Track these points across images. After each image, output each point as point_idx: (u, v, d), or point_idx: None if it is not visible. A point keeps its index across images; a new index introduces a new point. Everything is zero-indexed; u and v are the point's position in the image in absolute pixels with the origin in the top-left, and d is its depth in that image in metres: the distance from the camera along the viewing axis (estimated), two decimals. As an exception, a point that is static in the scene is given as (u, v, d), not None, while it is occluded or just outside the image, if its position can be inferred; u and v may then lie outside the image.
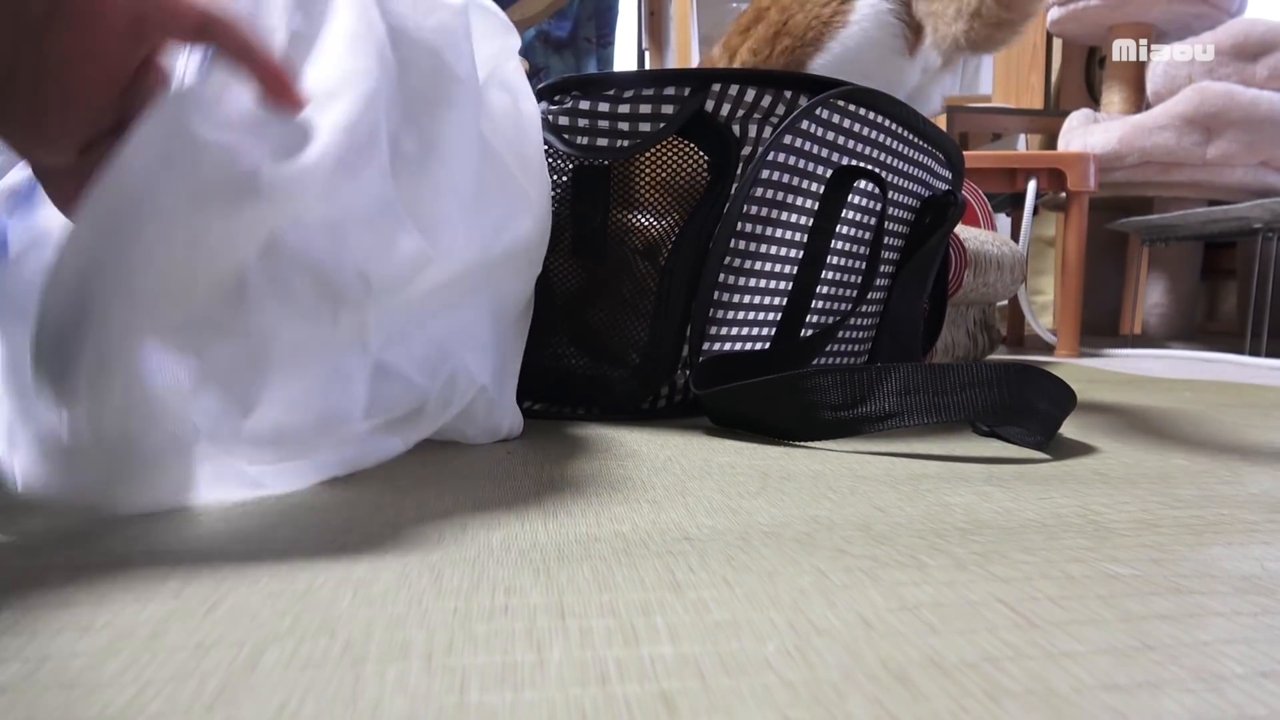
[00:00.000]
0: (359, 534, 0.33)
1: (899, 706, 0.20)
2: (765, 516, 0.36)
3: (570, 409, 0.66)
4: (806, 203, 0.64)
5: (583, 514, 0.36)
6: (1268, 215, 1.40)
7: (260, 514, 0.36)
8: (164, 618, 0.25)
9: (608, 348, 0.66)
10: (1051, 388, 0.53)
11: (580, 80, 0.63)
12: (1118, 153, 1.76)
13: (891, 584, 0.28)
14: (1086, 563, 0.31)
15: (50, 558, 0.30)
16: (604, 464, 0.47)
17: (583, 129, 0.62)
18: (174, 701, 0.20)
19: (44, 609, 0.25)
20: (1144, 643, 0.24)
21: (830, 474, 0.45)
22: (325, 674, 0.21)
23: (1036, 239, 2.32)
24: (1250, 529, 0.36)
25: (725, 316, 0.63)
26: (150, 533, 0.33)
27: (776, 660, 0.22)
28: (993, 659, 0.23)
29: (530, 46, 3.02)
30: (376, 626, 0.24)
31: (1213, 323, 2.22)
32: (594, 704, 0.20)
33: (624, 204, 0.65)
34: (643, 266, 0.65)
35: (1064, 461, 0.49)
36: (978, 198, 1.45)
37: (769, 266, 0.64)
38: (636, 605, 0.26)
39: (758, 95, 0.62)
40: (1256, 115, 1.67)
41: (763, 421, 0.57)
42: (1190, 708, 0.20)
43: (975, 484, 0.43)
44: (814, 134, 0.62)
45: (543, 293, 0.67)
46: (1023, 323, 1.76)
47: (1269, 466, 0.49)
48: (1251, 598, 0.28)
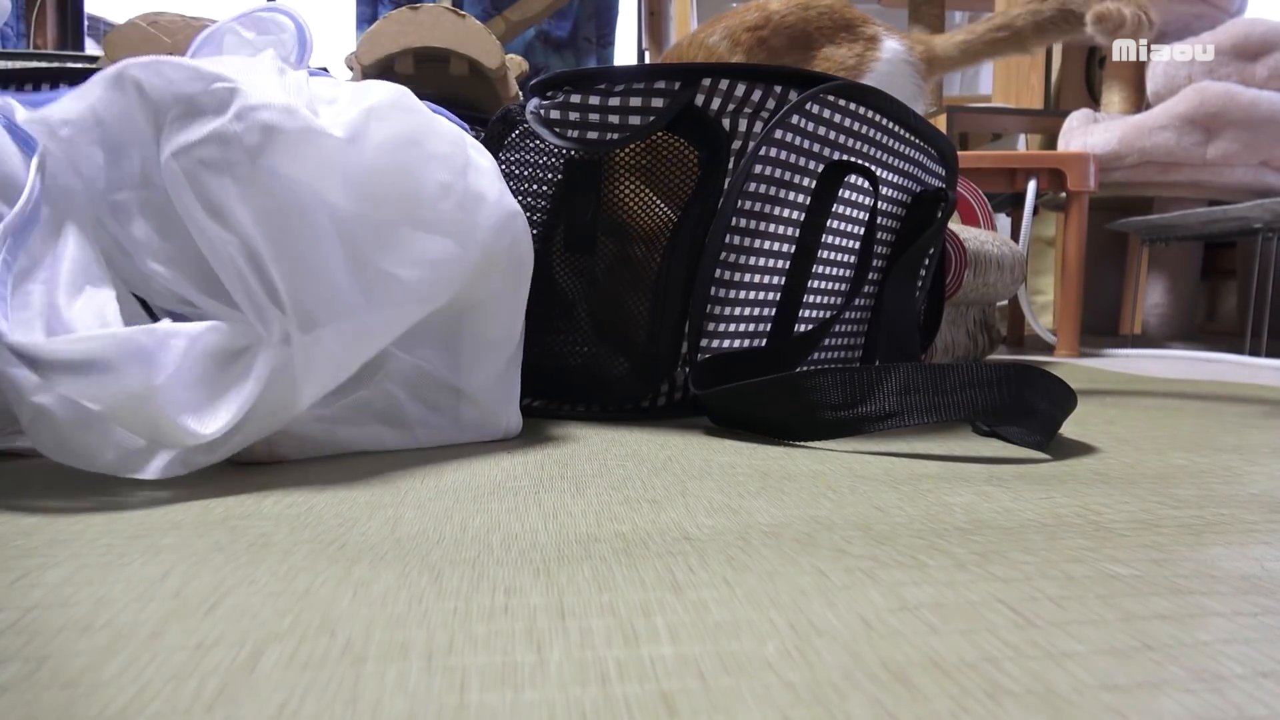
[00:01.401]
0: (359, 534, 0.33)
1: (899, 706, 0.20)
2: (765, 516, 0.36)
3: (569, 407, 0.66)
4: (799, 198, 0.64)
5: (583, 514, 0.36)
6: (1268, 215, 1.40)
7: (260, 514, 0.36)
8: (164, 618, 0.25)
9: (606, 345, 0.66)
10: (1051, 388, 0.53)
11: (573, 75, 0.63)
12: (1118, 153, 1.76)
13: (891, 584, 0.28)
14: (1086, 563, 0.31)
15: (50, 556, 0.30)
16: (604, 464, 0.47)
17: (574, 122, 0.63)
18: (174, 701, 0.20)
19: (44, 609, 0.25)
20: (1144, 643, 0.24)
21: (830, 474, 0.45)
22: (325, 674, 0.21)
23: (1036, 239, 2.32)
24: (1250, 529, 0.36)
25: (722, 313, 0.63)
26: (150, 533, 0.33)
27: (776, 660, 0.22)
28: (993, 659, 0.23)
29: (530, 46, 3.02)
30: (376, 626, 0.24)
31: (1213, 323, 2.22)
32: (594, 704, 0.20)
33: (616, 200, 0.65)
34: (638, 263, 0.65)
35: (1064, 461, 0.49)
36: (978, 198, 1.45)
37: (763, 262, 0.64)
38: (636, 605, 0.26)
39: (748, 90, 0.62)
40: (1256, 115, 1.67)
41: (763, 421, 0.57)
42: (1190, 708, 0.20)
43: (975, 484, 0.43)
44: (805, 129, 0.62)
45: (540, 290, 0.67)
46: (1023, 323, 1.76)
47: (1269, 466, 0.49)
48: (1251, 598, 0.28)
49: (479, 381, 0.53)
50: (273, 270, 0.41)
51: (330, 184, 0.43)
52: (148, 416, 0.37)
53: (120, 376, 0.36)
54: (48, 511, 0.36)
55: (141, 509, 0.36)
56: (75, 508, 0.36)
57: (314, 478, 0.43)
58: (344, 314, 0.43)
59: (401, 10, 1.30)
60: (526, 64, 1.51)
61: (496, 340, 0.54)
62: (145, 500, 0.38)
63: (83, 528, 0.33)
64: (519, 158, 0.68)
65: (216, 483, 0.41)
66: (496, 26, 2.35)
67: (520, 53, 2.56)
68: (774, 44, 0.99)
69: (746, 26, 0.98)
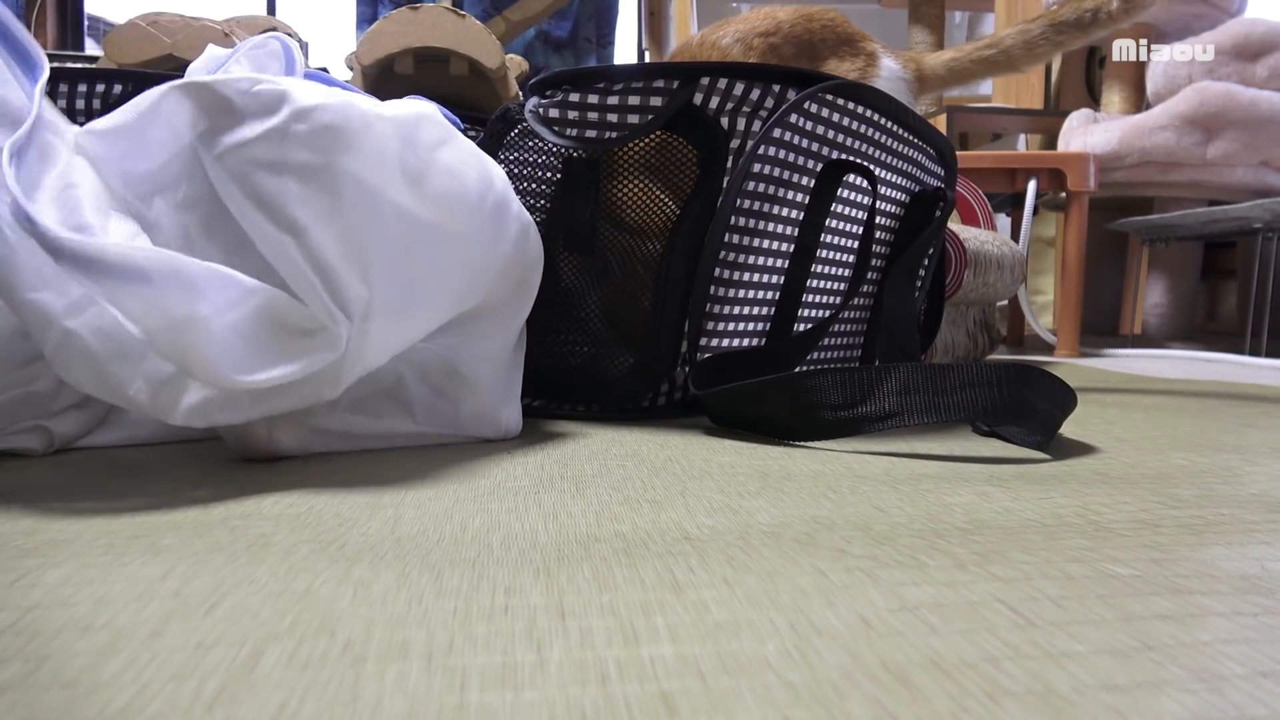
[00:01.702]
0: (359, 534, 0.33)
1: (899, 706, 0.20)
2: (765, 516, 0.36)
3: (569, 407, 0.66)
4: (798, 196, 0.64)
5: (583, 514, 0.36)
6: (1268, 215, 1.40)
7: (260, 514, 0.36)
8: (164, 618, 0.25)
9: (606, 345, 0.66)
10: (1051, 388, 0.53)
11: (572, 74, 0.63)
12: (1118, 153, 1.76)
13: (891, 584, 0.28)
14: (1086, 563, 0.31)
15: (50, 556, 0.30)
16: (604, 464, 0.47)
17: (572, 121, 0.63)
18: (174, 701, 0.20)
19: (44, 609, 0.25)
20: (1144, 643, 0.24)
21: (830, 474, 0.45)
22: (325, 674, 0.21)
23: (1036, 239, 2.32)
24: (1250, 529, 0.36)
25: (721, 311, 0.63)
26: (150, 533, 0.33)
27: (776, 660, 0.22)
28: (993, 659, 0.23)
29: (530, 46, 3.03)
30: (376, 626, 0.24)
31: (1213, 323, 2.22)
32: (594, 704, 0.20)
33: (615, 199, 0.65)
34: (637, 263, 0.65)
35: (1064, 461, 0.49)
36: (978, 198, 1.45)
37: (763, 261, 0.64)
38: (636, 605, 0.26)
39: (746, 89, 0.62)
40: (1256, 115, 1.67)
41: (763, 421, 0.57)
42: (1190, 708, 0.20)
43: (975, 484, 0.43)
44: (804, 128, 0.62)
45: (540, 290, 0.67)
46: (1023, 323, 1.76)
47: (1269, 466, 0.49)
48: (1251, 598, 0.28)
49: (482, 373, 0.53)
50: (338, 268, 0.41)
51: (392, 181, 0.44)
52: (187, 346, 0.37)
53: (161, 295, 0.36)
54: (48, 511, 0.36)
55: (141, 509, 0.36)
56: (75, 508, 0.36)
57: (314, 478, 0.43)
58: (394, 310, 0.44)
59: (401, 10, 1.30)
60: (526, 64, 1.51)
61: (500, 337, 0.54)
62: (145, 500, 0.38)
63: (82, 528, 0.33)
64: (518, 157, 0.68)
65: (216, 483, 0.41)
66: (496, 26, 2.35)
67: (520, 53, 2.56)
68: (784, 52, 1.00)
69: (759, 32, 0.99)
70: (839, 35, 1.02)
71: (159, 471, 0.44)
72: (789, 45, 1.00)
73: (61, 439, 0.47)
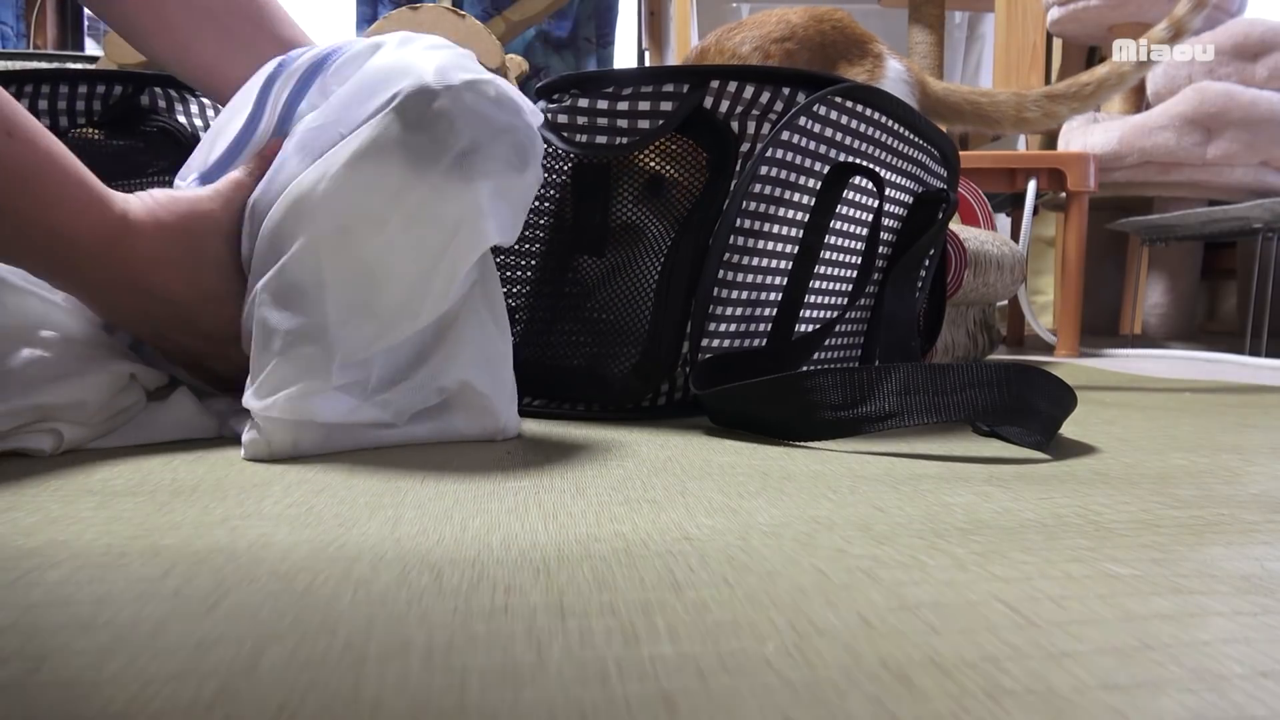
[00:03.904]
0: (359, 534, 0.33)
1: (899, 706, 0.20)
2: (765, 516, 0.36)
3: (570, 406, 0.66)
4: (804, 199, 0.64)
5: (583, 514, 0.36)
6: (1268, 215, 1.40)
7: (260, 514, 0.36)
8: (164, 617, 0.25)
9: (607, 345, 0.66)
10: (1051, 388, 0.53)
11: (579, 78, 0.63)
12: (1118, 153, 1.76)
13: (891, 584, 0.28)
14: (1086, 563, 0.31)
15: (50, 556, 0.30)
16: (604, 464, 0.47)
17: (582, 126, 0.62)
18: (174, 701, 0.20)
19: (44, 609, 0.25)
20: (1144, 643, 0.24)
21: (830, 474, 0.45)
22: (325, 674, 0.21)
23: (1036, 239, 2.32)
24: (1250, 529, 0.36)
25: (724, 313, 0.63)
26: (150, 533, 0.33)
27: (776, 660, 0.22)
28: (993, 659, 0.23)
29: (530, 46, 3.03)
30: (376, 626, 0.24)
31: (1213, 323, 2.23)
32: (594, 704, 0.20)
33: (623, 201, 0.65)
34: (642, 263, 0.65)
35: (1064, 461, 0.49)
36: (978, 198, 1.45)
37: (767, 263, 0.64)
38: (636, 605, 0.26)
39: (756, 92, 0.62)
40: (1256, 115, 1.67)
41: (763, 421, 0.57)
42: (1190, 708, 0.20)
43: (975, 484, 0.43)
44: (812, 131, 0.62)
45: (544, 292, 0.67)
46: (1023, 323, 1.76)
47: (1269, 466, 0.49)
48: (1251, 598, 0.28)
49: (475, 374, 0.53)
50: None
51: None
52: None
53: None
54: (48, 512, 0.36)
55: (141, 509, 0.36)
56: (75, 508, 0.36)
57: (314, 478, 0.43)
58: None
59: (401, 10, 1.30)
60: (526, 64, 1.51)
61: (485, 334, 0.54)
62: (145, 500, 0.38)
63: (82, 528, 0.33)
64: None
65: (216, 483, 0.41)
66: (496, 26, 2.35)
67: (520, 53, 2.56)
68: (799, 57, 1.01)
69: (774, 39, 1.00)
70: (849, 37, 1.03)
71: (159, 471, 0.44)
72: (804, 50, 1.01)
73: (71, 442, 0.47)
